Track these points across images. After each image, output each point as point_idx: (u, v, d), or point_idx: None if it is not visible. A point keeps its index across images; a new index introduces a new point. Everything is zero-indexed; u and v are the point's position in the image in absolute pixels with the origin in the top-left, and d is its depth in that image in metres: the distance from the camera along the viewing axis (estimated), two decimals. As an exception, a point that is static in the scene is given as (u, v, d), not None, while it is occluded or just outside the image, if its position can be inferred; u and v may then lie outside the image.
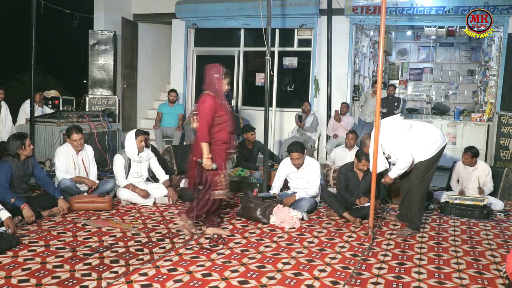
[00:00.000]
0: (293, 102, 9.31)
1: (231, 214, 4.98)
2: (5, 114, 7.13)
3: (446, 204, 5.30)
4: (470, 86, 11.67)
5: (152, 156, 5.53)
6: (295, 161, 5.17)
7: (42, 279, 3.10)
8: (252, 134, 6.68)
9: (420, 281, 3.29)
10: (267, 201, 4.71)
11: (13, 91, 13.46)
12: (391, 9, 8.08)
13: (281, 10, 8.64)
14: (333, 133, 8.05)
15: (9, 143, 4.62)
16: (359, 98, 9.28)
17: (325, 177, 6.15)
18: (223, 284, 3.13)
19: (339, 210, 4.84)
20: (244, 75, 9.74)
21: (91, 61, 9.00)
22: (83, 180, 5.29)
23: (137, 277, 3.18)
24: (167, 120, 8.62)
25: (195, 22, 9.63)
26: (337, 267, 3.50)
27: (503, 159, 7.55)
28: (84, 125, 6.65)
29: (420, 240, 4.28)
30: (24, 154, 4.60)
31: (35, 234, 4.03)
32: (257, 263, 3.52)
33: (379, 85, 4.38)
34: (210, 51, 10.01)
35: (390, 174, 4.45)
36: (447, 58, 12.00)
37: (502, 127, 7.60)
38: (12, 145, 4.57)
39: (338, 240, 4.21)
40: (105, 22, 9.48)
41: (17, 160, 4.57)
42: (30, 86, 6.57)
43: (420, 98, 12.18)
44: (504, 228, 4.81)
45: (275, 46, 9.13)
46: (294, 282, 3.19)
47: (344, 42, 8.67)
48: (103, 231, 4.21)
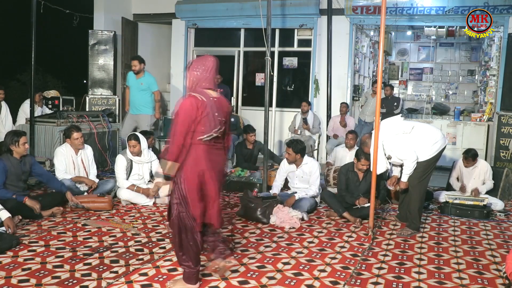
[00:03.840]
0: (293, 102, 9.30)
1: (231, 214, 4.98)
2: (5, 114, 7.15)
3: (446, 204, 5.30)
4: (470, 86, 11.66)
5: (154, 159, 5.46)
6: (287, 155, 5.24)
7: (42, 279, 3.10)
8: (252, 135, 6.66)
9: (420, 281, 3.29)
10: (267, 201, 4.71)
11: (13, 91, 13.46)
12: (391, 9, 8.08)
13: (281, 10, 8.63)
14: (333, 133, 8.05)
15: (6, 137, 4.64)
16: (359, 98, 9.27)
17: (325, 177, 6.15)
18: (223, 284, 3.13)
19: (339, 210, 4.84)
20: (244, 75, 9.73)
21: (91, 61, 8.99)
22: (82, 180, 5.29)
23: (137, 277, 3.18)
24: (136, 99, 7.10)
25: (195, 22, 9.62)
26: (337, 267, 3.50)
27: (503, 159, 7.55)
28: (84, 125, 6.66)
29: (420, 240, 4.28)
30: (17, 151, 4.60)
31: (35, 234, 4.02)
32: (257, 263, 3.52)
33: (379, 85, 4.38)
34: (210, 51, 9.98)
35: (403, 179, 4.44)
36: (447, 58, 11.99)
37: (502, 127, 7.59)
38: (6, 140, 4.60)
39: (338, 240, 4.21)
40: (105, 22, 9.47)
41: (12, 157, 4.58)
42: (30, 86, 6.57)
43: (420, 98, 12.17)
44: (504, 228, 4.81)
45: (275, 46, 9.12)
46: (294, 282, 3.19)
47: (344, 42, 8.66)
48: (103, 231, 4.21)
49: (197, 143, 2.91)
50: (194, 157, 2.92)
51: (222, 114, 3.01)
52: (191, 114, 2.84)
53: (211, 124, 2.90)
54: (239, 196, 5.43)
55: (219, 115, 2.97)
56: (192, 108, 2.84)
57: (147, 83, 7.07)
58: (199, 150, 2.92)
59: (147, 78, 7.11)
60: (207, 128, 2.89)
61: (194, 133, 2.89)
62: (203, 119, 2.87)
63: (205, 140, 2.91)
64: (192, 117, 2.84)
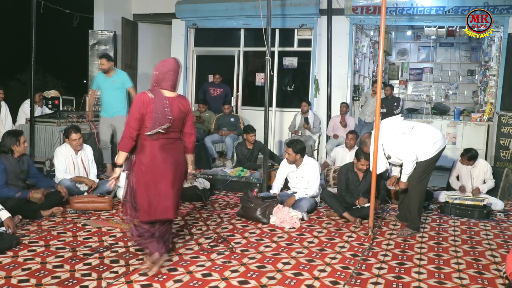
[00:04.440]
0: (293, 102, 9.30)
1: (231, 214, 4.98)
2: (5, 114, 7.14)
3: (446, 204, 5.30)
4: (470, 86, 11.66)
5: None
6: (286, 155, 5.25)
7: (42, 279, 3.10)
8: (252, 135, 6.66)
9: (420, 281, 3.29)
10: (267, 201, 4.71)
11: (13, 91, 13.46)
12: (391, 9, 8.08)
13: (281, 10, 8.64)
14: (333, 133, 8.05)
15: (3, 139, 4.65)
16: (359, 98, 9.27)
17: (325, 177, 6.15)
18: (223, 284, 3.13)
19: (339, 210, 4.84)
20: (244, 75, 9.73)
21: (91, 61, 8.99)
22: (82, 180, 5.29)
23: (137, 277, 3.18)
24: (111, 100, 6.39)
25: (195, 22, 9.62)
26: (337, 267, 3.50)
27: (503, 159, 7.55)
28: (84, 125, 6.66)
29: (420, 240, 4.28)
30: (18, 151, 4.64)
31: (35, 234, 4.02)
32: (257, 263, 3.52)
33: (379, 85, 4.38)
34: (210, 51, 10.01)
35: (402, 179, 4.44)
36: (447, 58, 11.99)
37: (502, 127, 7.59)
38: (7, 141, 4.60)
39: (338, 240, 4.21)
40: (105, 22, 9.47)
41: (11, 157, 4.60)
42: (30, 86, 6.56)
43: (420, 98, 12.16)
44: (504, 228, 4.81)
45: (275, 46, 9.12)
46: (294, 282, 3.19)
47: (344, 42, 8.66)
48: (103, 231, 4.21)
49: (147, 138, 3.20)
50: (143, 151, 3.22)
51: (174, 113, 3.23)
52: (138, 108, 3.17)
53: (157, 121, 3.16)
54: (239, 196, 5.43)
55: (170, 113, 3.21)
56: (139, 103, 3.18)
57: (121, 80, 6.41)
58: (149, 145, 3.21)
59: (120, 74, 6.47)
60: (152, 124, 3.16)
61: (143, 128, 3.19)
62: (148, 115, 3.16)
63: (150, 135, 3.18)
64: (139, 111, 3.16)
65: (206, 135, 7.93)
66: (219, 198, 5.73)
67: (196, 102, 9.33)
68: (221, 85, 8.88)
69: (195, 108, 8.61)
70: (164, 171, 3.23)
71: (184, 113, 3.34)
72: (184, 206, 5.23)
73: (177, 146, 3.35)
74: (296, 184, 5.31)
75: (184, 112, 3.33)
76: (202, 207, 5.26)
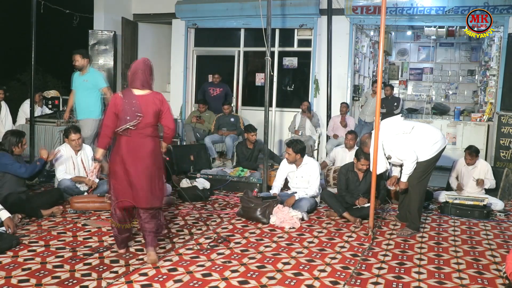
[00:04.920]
0: (293, 102, 9.30)
1: (231, 214, 4.98)
2: (5, 114, 7.14)
3: (446, 204, 5.30)
4: (470, 86, 11.66)
5: None
6: (286, 155, 5.26)
7: (42, 279, 3.10)
8: (253, 135, 6.67)
9: (420, 281, 3.29)
10: (267, 201, 4.72)
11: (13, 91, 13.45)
12: (391, 9, 8.08)
13: (281, 10, 8.63)
14: (333, 133, 8.05)
15: (6, 138, 4.64)
16: (359, 98, 9.27)
17: (325, 177, 6.15)
18: (223, 284, 3.13)
19: (339, 210, 4.84)
20: (244, 75, 9.73)
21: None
22: (82, 180, 5.28)
23: (137, 277, 3.19)
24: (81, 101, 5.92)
25: (195, 22, 9.62)
26: (337, 267, 3.50)
27: (503, 159, 7.55)
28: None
29: (420, 240, 4.28)
30: (18, 152, 4.65)
31: (35, 234, 4.03)
32: (257, 263, 3.52)
33: (379, 85, 4.38)
34: (210, 51, 10.01)
35: (402, 179, 4.44)
36: (447, 58, 11.99)
37: (502, 127, 7.59)
38: (8, 140, 4.60)
39: (338, 240, 4.21)
40: (105, 22, 9.47)
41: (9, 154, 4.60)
42: (30, 86, 6.56)
43: (420, 98, 12.16)
44: (504, 228, 4.81)
45: (275, 46, 9.12)
46: (294, 282, 3.19)
47: (344, 42, 8.66)
48: (103, 231, 4.21)
49: (121, 134, 3.47)
50: (118, 146, 3.50)
51: (144, 110, 3.44)
52: (111, 108, 3.47)
53: (126, 118, 3.41)
54: (239, 196, 5.43)
55: (138, 110, 3.43)
56: (112, 103, 3.49)
57: (92, 80, 5.86)
58: (120, 140, 3.49)
59: (92, 74, 5.93)
60: (121, 121, 3.43)
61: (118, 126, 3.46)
62: (120, 113, 3.42)
63: (121, 131, 3.44)
64: (112, 111, 3.45)
65: (206, 135, 7.94)
66: (219, 198, 5.73)
67: (196, 102, 9.33)
68: (220, 85, 8.88)
69: (195, 108, 8.60)
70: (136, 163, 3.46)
71: (158, 108, 3.51)
72: (184, 206, 5.23)
73: (151, 140, 3.52)
74: (296, 184, 5.31)
75: (157, 107, 3.50)
76: (202, 207, 5.26)
